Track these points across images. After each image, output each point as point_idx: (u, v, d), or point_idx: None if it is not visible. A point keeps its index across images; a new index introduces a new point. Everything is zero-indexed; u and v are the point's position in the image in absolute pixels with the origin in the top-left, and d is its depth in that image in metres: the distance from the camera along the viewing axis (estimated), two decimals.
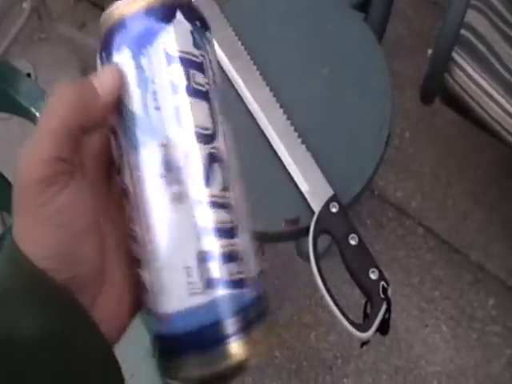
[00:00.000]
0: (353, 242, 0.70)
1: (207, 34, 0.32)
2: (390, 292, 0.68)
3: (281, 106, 0.79)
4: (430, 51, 0.89)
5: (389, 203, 1.38)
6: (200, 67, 0.30)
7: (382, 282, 0.69)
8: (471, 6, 0.91)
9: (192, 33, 0.30)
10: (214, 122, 0.30)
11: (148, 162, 0.29)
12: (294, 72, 0.85)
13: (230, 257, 0.29)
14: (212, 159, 0.30)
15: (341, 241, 0.71)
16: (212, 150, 0.30)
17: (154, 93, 0.29)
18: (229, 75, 0.82)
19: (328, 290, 0.68)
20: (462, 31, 0.93)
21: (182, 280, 0.29)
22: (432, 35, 0.94)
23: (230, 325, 0.29)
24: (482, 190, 1.39)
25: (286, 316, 1.29)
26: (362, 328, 0.67)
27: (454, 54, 0.90)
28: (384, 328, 0.70)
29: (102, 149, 0.32)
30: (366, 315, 0.69)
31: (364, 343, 0.71)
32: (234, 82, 0.82)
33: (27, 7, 1.39)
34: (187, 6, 0.31)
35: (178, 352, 0.29)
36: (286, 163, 0.76)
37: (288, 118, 0.79)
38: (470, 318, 1.29)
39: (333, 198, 0.73)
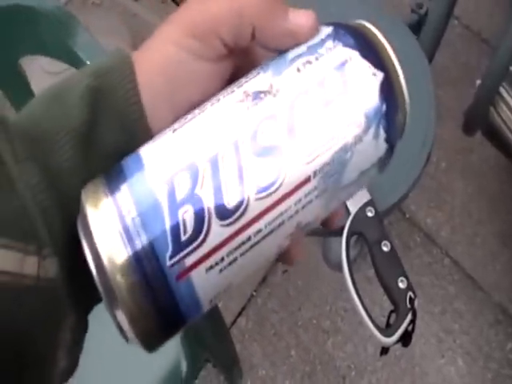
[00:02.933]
0: (385, 249, 0.71)
1: (383, 135, 0.29)
2: (416, 303, 0.68)
3: None
4: (478, 82, 0.90)
5: (418, 228, 1.38)
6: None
7: (410, 293, 0.68)
8: None
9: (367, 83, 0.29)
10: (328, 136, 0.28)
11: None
12: None
13: (197, 205, 0.26)
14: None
15: (373, 245, 0.71)
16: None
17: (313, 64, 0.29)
18: None
19: (357, 291, 0.68)
20: (511, 67, 0.93)
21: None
22: (477, 71, 0.95)
23: None
24: (511, 234, 1.38)
25: (305, 318, 1.28)
26: (386, 334, 0.67)
27: (501, 89, 0.90)
28: (406, 339, 0.69)
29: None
30: (388, 325, 0.69)
31: (383, 352, 0.71)
32: None
33: None
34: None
35: None
36: None
37: None
38: (487, 357, 1.27)
39: (369, 203, 0.73)
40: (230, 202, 0.26)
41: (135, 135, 0.29)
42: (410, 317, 0.68)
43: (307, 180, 0.27)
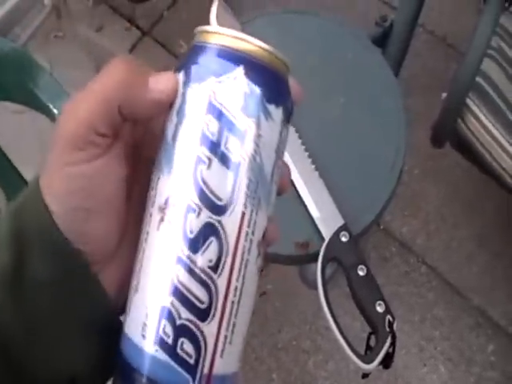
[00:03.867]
0: (361, 273, 0.70)
1: (276, 110, 0.29)
2: (395, 326, 0.68)
3: (296, 131, 0.80)
4: (444, 94, 0.90)
5: (394, 238, 1.38)
6: (240, 135, 0.28)
7: (388, 316, 0.68)
8: (486, 54, 0.92)
9: (245, 96, 0.28)
10: (232, 196, 0.28)
11: (158, 189, 0.29)
12: (311, 99, 0.85)
13: (187, 334, 0.28)
14: (209, 231, 0.28)
15: (349, 270, 0.70)
16: (213, 221, 0.28)
17: (184, 130, 0.29)
18: None
19: (334, 318, 0.68)
20: (477, 78, 0.93)
21: (141, 318, 0.29)
22: (445, 76, 0.95)
23: None
24: (486, 236, 1.39)
25: (285, 339, 1.27)
26: (367, 360, 0.66)
27: (468, 100, 0.90)
28: (387, 362, 0.69)
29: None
30: (368, 347, 0.69)
31: (365, 375, 0.70)
32: None
33: (49, 4, 1.38)
34: (257, 68, 0.28)
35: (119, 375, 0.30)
36: (298, 188, 0.76)
37: (302, 144, 0.79)
38: (469, 361, 1.27)
39: (343, 228, 0.73)
40: (202, 301, 0.28)
41: (66, 257, 0.29)
42: (389, 340, 0.67)
43: (243, 218, 0.28)
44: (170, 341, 0.28)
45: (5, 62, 0.66)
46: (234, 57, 0.28)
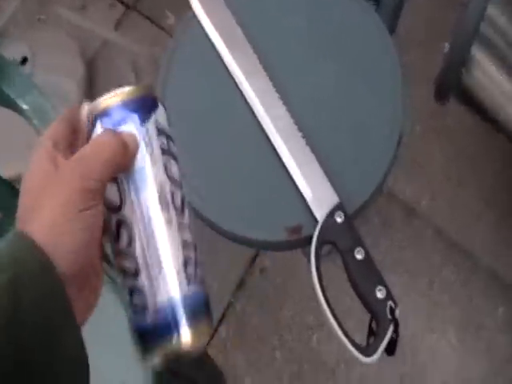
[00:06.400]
0: (359, 257, 0.64)
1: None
2: (397, 313, 0.62)
3: (284, 103, 0.73)
4: (446, 45, 0.82)
5: (397, 201, 1.32)
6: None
7: (390, 302, 0.63)
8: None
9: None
10: (121, 197, 0.38)
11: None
12: (299, 64, 0.78)
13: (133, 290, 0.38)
14: (119, 224, 0.38)
15: (346, 254, 0.65)
16: (119, 217, 0.38)
17: None
18: (227, 66, 0.76)
19: (331, 310, 0.63)
20: (482, 25, 0.85)
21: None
22: (444, 27, 0.87)
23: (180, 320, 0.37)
24: (493, 192, 1.32)
25: (287, 316, 1.23)
26: (367, 352, 0.61)
27: (473, 49, 0.82)
28: (391, 348, 0.64)
29: None
30: (370, 332, 0.64)
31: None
32: (232, 75, 0.75)
33: None
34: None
35: (149, 340, 0.38)
36: (288, 166, 0.70)
37: (292, 116, 0.73)
38: (479, 326, 1.23)
39: (338, 207, 0.67)
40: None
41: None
42: (391, 328, 0.62)
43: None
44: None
45: None
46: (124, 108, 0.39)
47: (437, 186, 1.34)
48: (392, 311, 0.62)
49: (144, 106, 0.39)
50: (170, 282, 0.37)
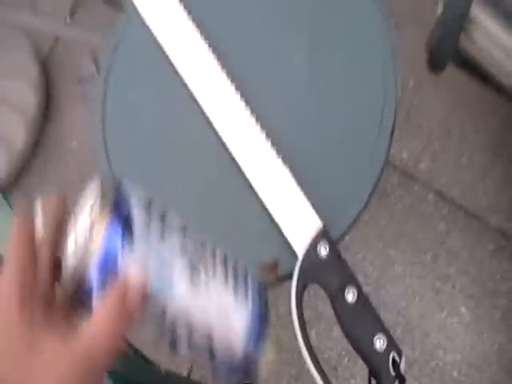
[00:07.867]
0: (350, 298, 0.52)
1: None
2: (403, 367, 0.51)
3: (246, 102, 0.59)
4: (439, 8, 0.67)
5: (393, 167, 1.19)
6: None
7: (393, 353, 0.51)
8: None
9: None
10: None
11: None
12: (262, 47, 0.64)
13: None
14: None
15: (334, 296, 0.53)
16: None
17: None
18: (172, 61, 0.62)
19: (318, 366, 0.51)
20: None
21: None
22: None
23: None
24: (501, 141, 1.19)
25: (282, 313, 1.12)
26: None
27: (472, 9, 0.67)
28: None
29: None
30: None
31: None
32: (178, 70, 0.61)
33: None
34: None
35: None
36: (255, 186, 0.57)
37: (257, 119, 0.59)
38: (493, 293, 1.12)
39: (321, 235, 0.54)
40: None
41: None
42: None
43: None
44: None
45: None
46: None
47: (436, 144, 1.20)
48: (395, 365, 0.51)
49: (118, 225, 0.34)
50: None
